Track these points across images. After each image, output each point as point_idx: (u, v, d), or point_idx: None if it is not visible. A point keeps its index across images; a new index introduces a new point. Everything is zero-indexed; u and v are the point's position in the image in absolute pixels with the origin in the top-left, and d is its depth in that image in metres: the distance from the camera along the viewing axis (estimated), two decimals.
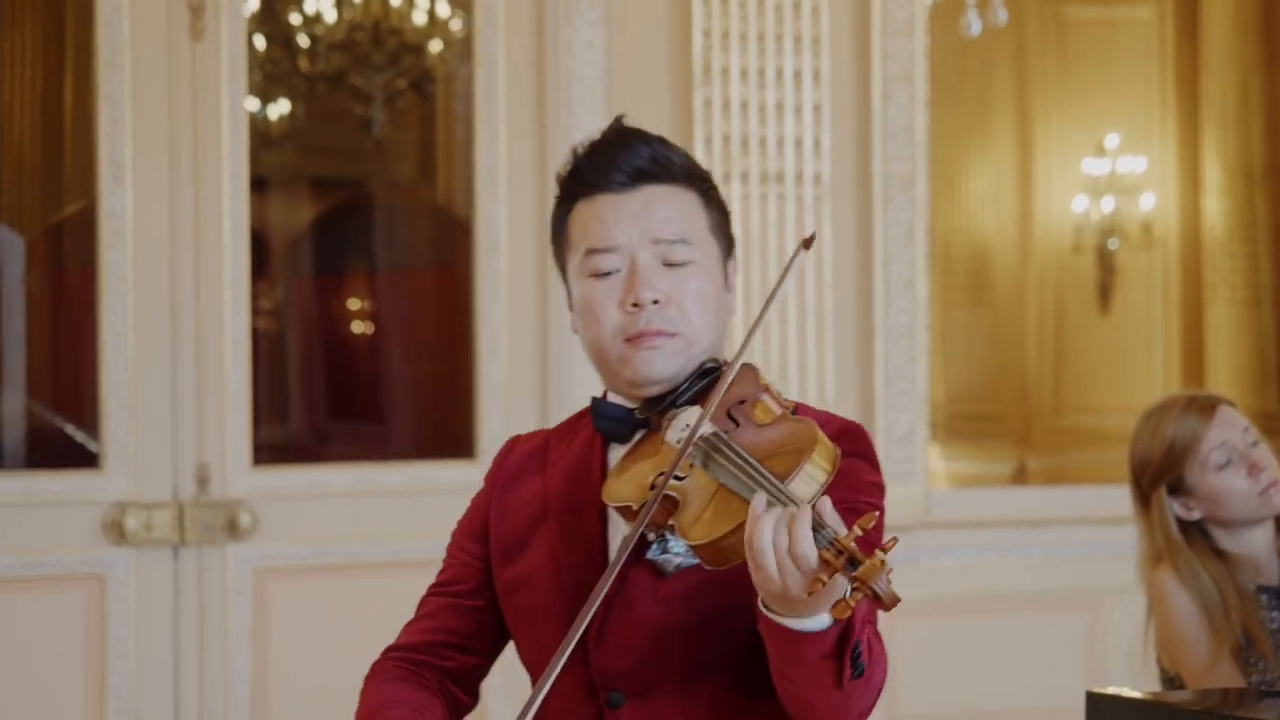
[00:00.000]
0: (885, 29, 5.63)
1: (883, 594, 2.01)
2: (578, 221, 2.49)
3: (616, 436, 2.47)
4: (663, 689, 2.38)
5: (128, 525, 5.10)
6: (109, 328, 5.12)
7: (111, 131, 5.12)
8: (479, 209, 5.47)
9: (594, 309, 2.46)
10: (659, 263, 2.44)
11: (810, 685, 2.19)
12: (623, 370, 2.45)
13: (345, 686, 5.29)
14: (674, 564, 2.37)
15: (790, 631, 2.14)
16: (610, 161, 2.46)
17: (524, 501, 2.55)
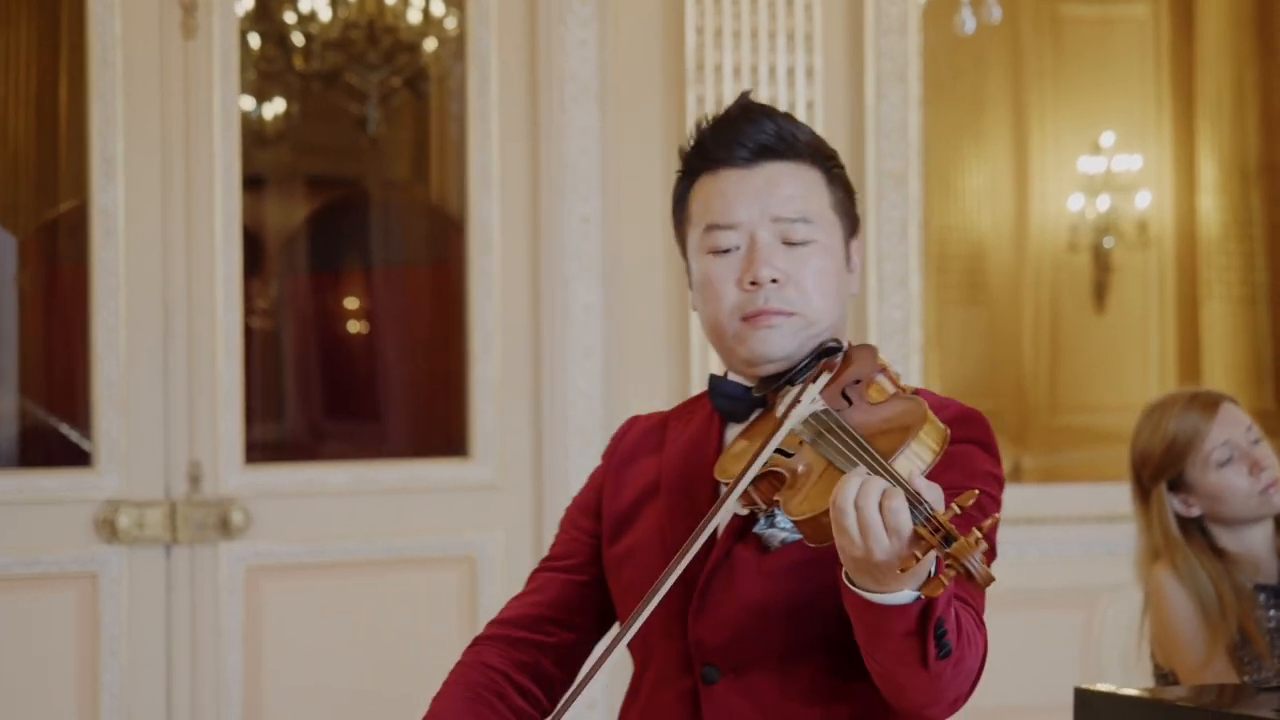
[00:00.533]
0: (878, 27, 5.62)
1: (975, 572, 1.99)
2: (698, 197, 2.49)
3: (733, 415, 2.46)
4: (759, 666, 2.36)
5: (120, 524, 5.10)
6: (101, 325, 5.12)
7: (103, 129, 5.12)
8: (471, 207, 5.47)
9: (712, 286, 2.45)
10: (779, 241, 2.43)
11: (896, 664, 2.17)
12: (738, 348, 2.44)
13: (338, 685, 5.34)
14: (779, 539, 2.36)
15: (872, 605, 2.12)
16: (734, 136, 2.45)
17: (637, 478, 2.55)
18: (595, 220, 5.46)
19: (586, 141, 5.45)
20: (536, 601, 2.60)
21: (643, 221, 5.52)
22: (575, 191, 5.43)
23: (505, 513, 5.48)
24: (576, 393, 5.45)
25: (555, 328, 5.45)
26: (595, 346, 5.46)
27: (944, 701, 2.23)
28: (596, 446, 5.40)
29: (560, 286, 5.44)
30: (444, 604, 5.42)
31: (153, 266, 5.17)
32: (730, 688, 2.37)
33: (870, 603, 2.12)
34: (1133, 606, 5.85)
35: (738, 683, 2.37)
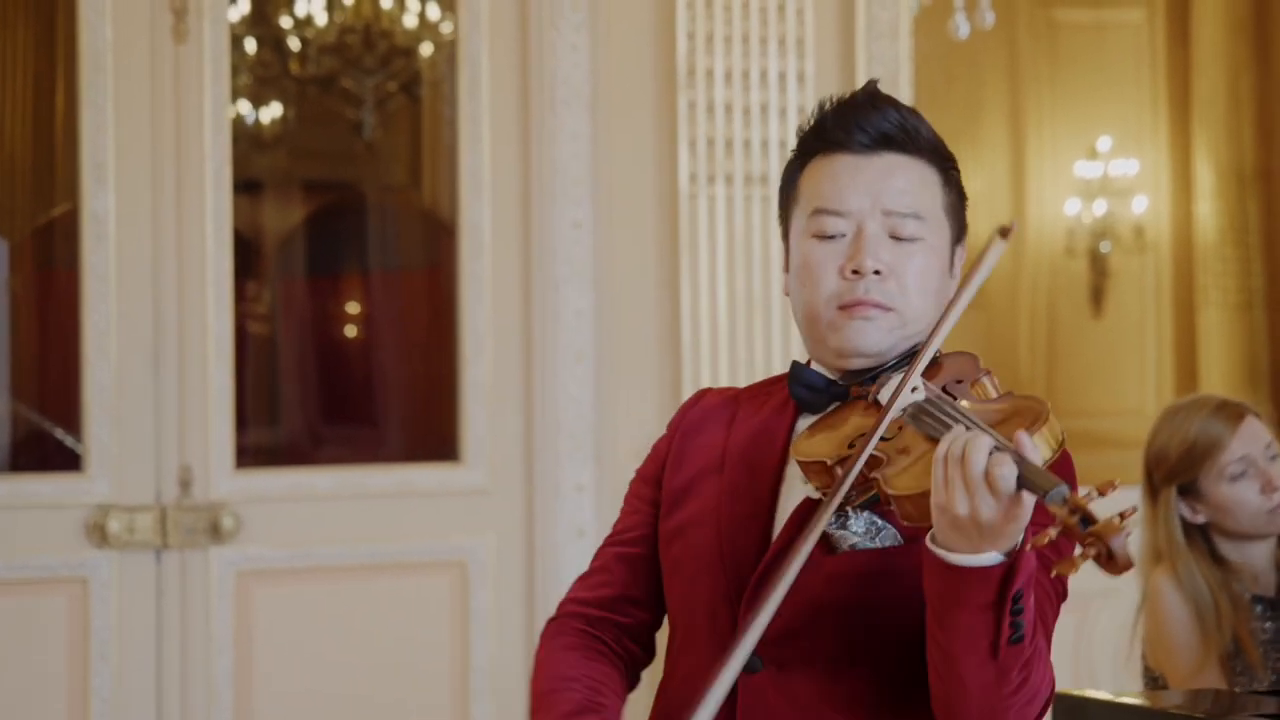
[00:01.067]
0: (870, 32, 5.62)
1: (1118, 553, 1.96)
2: (810, 178, 2.43)
3: (810, 405, 2.42)
4: (802, 666, 2.33)
5: (110, 528, 5.09)
6: (92, 330, 5.11)
7: (94, 134, 5.11)
8: (463, 212, 5.47)
9: (812, 270, 2.40)
10: (886, 234, 2.38)
11: (963, 648, 2.13)
12: (830, 337, 2.39)
13: (329, 690, 5.34)
14: (848, 542, 2.31)
15: (953, 569, 2.09)
16: (856, 120, 2.41)
17: (701, 451, 2.51)
18: (586, 225, 5.45)
19: (578, 146, 5.45)
20: (607, 581, 2.55)
21: (634, 226, 5.52)
22: (566, 196, 5.43)
23: (496, 517, 5.47)
24: (567, 397, 5.44)
25: (546, 332, 5.44)
26: (586, 351, 5.45)
27: None
28: (588, 451, 5.41)
29: (551, 291, 5.44)
30: (435, 609, 5.42)
31: (144, 271, 5.16)
32: (770, 681, 2.33)
33: (951, 566, 2.09)
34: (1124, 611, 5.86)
35: (779, 677, 2.33)
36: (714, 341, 5.46)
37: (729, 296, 5.46)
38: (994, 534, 2.06)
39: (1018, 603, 2.08)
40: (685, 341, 5.46)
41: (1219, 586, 3.79)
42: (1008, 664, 2.12)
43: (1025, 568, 2.08)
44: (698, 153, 5.47)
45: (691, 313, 5.46)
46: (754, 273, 5.49)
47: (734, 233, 5.49)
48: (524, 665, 5.46)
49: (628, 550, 2.55)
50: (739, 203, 5.49)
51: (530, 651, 5.41)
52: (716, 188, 5.47)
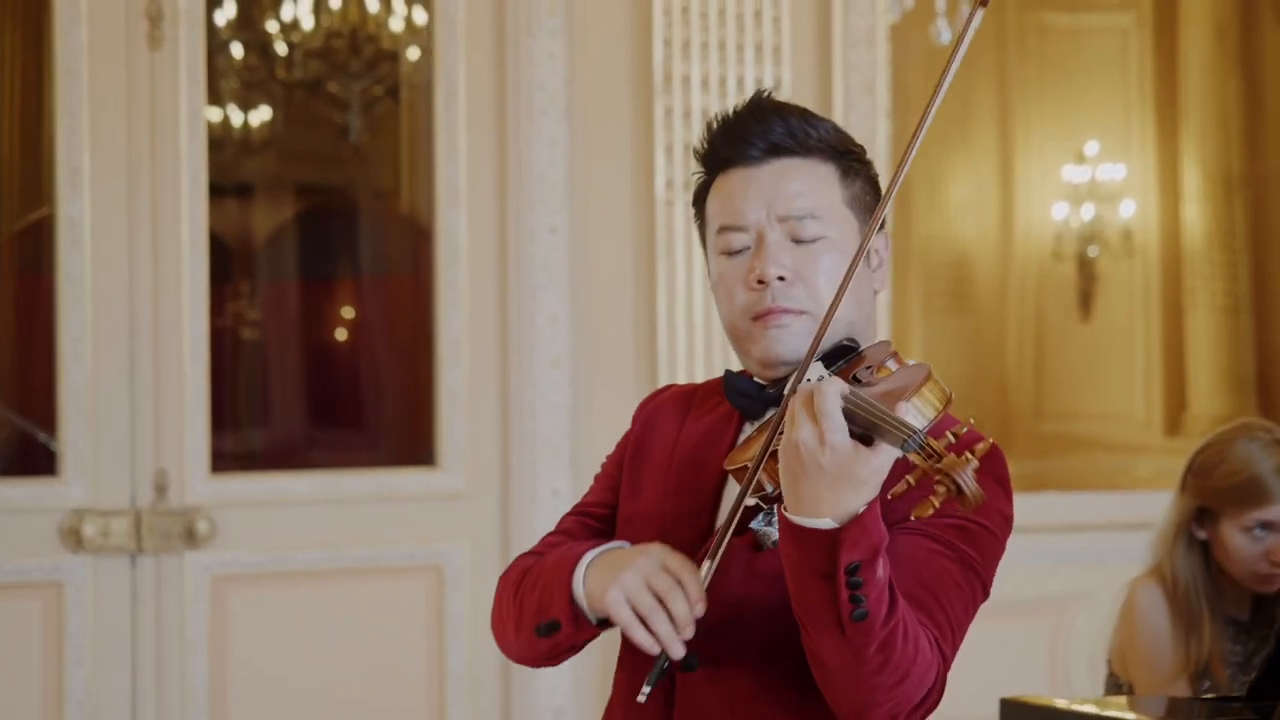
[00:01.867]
0: (846, 39, 5.62)
1: (966, 486, 1.99)
2: (714, 197, 2.48)
3: (748, 412, 2.46)
4: (735, 661, 2.35)
5: (85, 532, 5.10)
6: (67, 335, 5.12)
7: (69, 139, 5.12)
8: (439, 218, 5.48)
9: (725, 286, 2.44)
10: (788, 239, 2.40)
11: (811, 621, 2.15)
12: (752, 349, 2.43)
13: (304, 695, 5.35)
14: (773, 538, 2.32)
15: (794, 528, 2.11)
16: (742, 135, 2.44)
17: (654, 446, 2.55)
18: (563, 231, 5.46)
19: (555, 153, 5.45)
20: (561, 542, 2.56)
21: (610, 232, 5.53)
22: (543, 202, 5.44)
23: (473, 522, 5.48)
24: (544, 403, 5.45)
25: (523, 338, 5.45)
26: (563, 357, 5.46)
27: (878, 704, 2.18)
28: (564, 456, 5.42)
29: (528, 297, 5.44)
30: (411, 613, 5.43)
31: (119, 276, 5.17)
32: (706, 678, 2.36)
33: (792, 525, 2.11)
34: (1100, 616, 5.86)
35: (715, 674, 2.35)
36: (690, 347, 5.47)
37: (705, 303, 5.47)
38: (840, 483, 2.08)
39: (853, 574, 2.09)
40: (662, 347, 5.46)
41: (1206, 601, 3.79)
42: (859, 643, 2.12)
43: (861, 538, 2.09)
44: (674, 159, 5.48)
45: (668, 319, 5.47)
46: None
47: None
48: (500, 669, 5.47)
49: (592, 522, 2.59)
50: None
51: None
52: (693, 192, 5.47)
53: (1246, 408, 7.85)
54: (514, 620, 2.45)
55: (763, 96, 2.50)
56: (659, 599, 2.23)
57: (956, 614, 2.30)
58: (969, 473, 2.00)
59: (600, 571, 2.31)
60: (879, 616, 2.11)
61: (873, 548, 2.10)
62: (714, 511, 2.44)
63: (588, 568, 2.33)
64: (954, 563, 2.29)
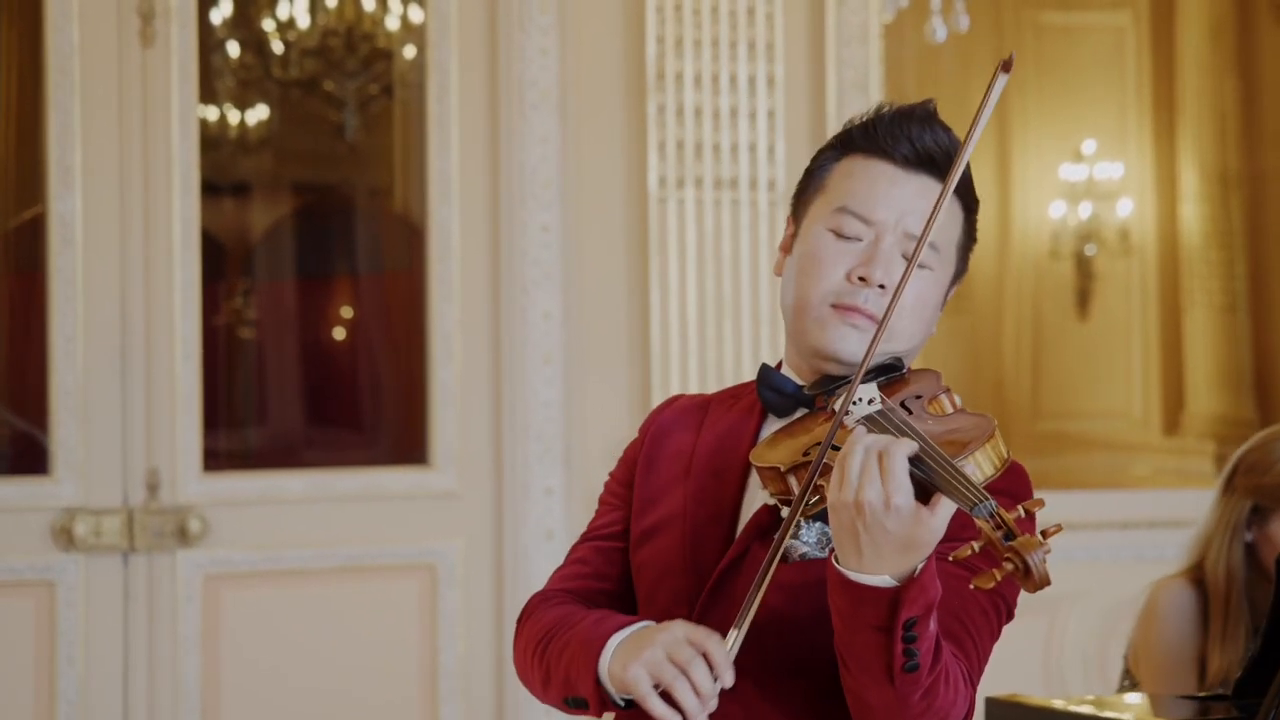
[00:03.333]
0: (840, 36, 5.61)
1: (1035, 569, 1.94)
2: (844, 173, 2.42)
3: (776, 408, 2.41)
4: (754, 675, 2.30)
5: (77, 531, 5.09)
6: (58, 333, 5.11)
7: (61, 137, 5.12)
8: (432, 214, 5.47)
9: (819, 264, 2.38)
10: (899, 252, 2.36)
11: (859, 667, 2.13)
12: (813, 333, 2.38)
13: (297, 694, 5.34)
14: (799, 552, 2.29)
15: (848, 583, 2.08)
16: (909, 132, 2.39)
17: (671, 457, 2.50)
18: (555, 228, 5.45)
19: (547, 149, 5.45)
20: (581, 573, 2.53)
21: (603, 229, 5.52)
22: (535, 199, 5.43)
23: (465, 520, 5.47)
24: (536, 400, 5.44)
25: (515, 335, 5.44)
26: (555, 353, 5.45)
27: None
28: (556, 454, 5.42)
29: (520, 294, 5.44)
30: (404, 612, 5.42)
31: (110, 275, 5.17)
32: (727, 693, 2.27)
33: (846, 580, 2.08)
34: (1094, 614, 5.87)
35: (734, 690, 2.28)
36: (683, 344, 5.46)
37: (698, 300, 5.46)
38: (900, 545, 2.05)
39: (909, 629, 2.08)
40: (654, 344, 5.46)
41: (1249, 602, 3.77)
42: (905, 690, 2.11)
43: (919, 596, 2.08)
44: (667, 156, 5.47)
45: (661, 316, 5.46)
46: (723, 276, 5.49)
47: (703, 236, 5.49)
48: (493, 667, 5.46)
49: (605, 544, 2.54)
50: (708, 206, 5.49)
51: (500, 654, 5.41)
52: (686, 191, 5.47)
53: (1244, 406, 7.85)
54: (540, 680, 2.41)
55: (934, 105, 2.44)
56: (682, 670, 2.19)
57: (984, 643, 2.30)
58: (1041, 555, 1.95)
59: (625, 651, 2.26)
60: (926, 666, 2.10)
61: (929, 604, 2.09)
62: (735, 518, 2.39)
63: (614, 650, 2.29)
64: (981, 591, 2.23)
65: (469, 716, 5.44)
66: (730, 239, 5.51)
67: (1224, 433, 7.67)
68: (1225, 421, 7.85)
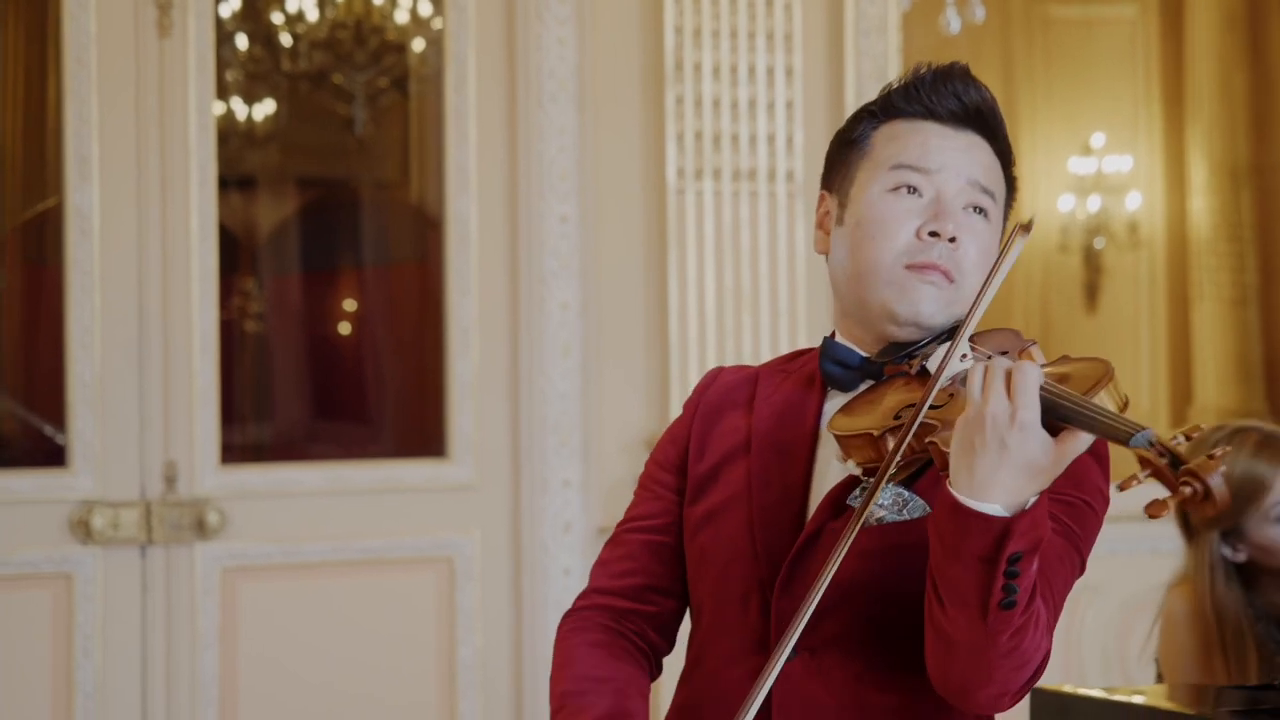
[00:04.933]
0: (858, 27, 5.60)
1: (1216, 491, 1.91)
2: (890, 138, 2.37)
3: (841, 383, 2.35)
4: (837, 647, 2.27)
5: (94, 524, 5.08)
6: (75, 325, 5.11)
7: (78, 129, 5.11)
8: (449, 205, 5.45)
9: (885, 225, 2.32)
10: (963, 205, 2.32)
11: (952, 599, 2.06)
12: (889, 296, 2.31)
13: (314, 686, 5.32)
14: (876, 516, 2.21)
15: (959, 507, 2.02)
16: (953, 89, 2.36)
17: (724, 434, 2.44)
18: (573, 219, 5.44)
19: (565, 141, 5.44)
20: (632, 569, 2.47)
21: (621, 221, 5.51)
22: (553, 190, 5.42)
23: (483, 513, 5.46)
24: (554, 392, 5.43)
25: (533, 326, 5.43)
26: (573, 345, 5.44)
27: (991, 684, 2.11)
28: (574, 446, 5.40)
29: (538, 285, 5.42)
30: (421, 605, 5.41)
31: (128, 266, 5.16)
32: (803, 667, 2.27)
33: (958, 505, 2.02)
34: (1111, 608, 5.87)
35: (812, 661, 2.27)
36: (701, 336, 5.44)
37: (717, 291, 5.45)
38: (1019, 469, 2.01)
39: (1013, 564, 2.02)
40: (673, 336, 5.44)
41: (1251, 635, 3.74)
42: (996, 628, 2.05)
43: (1030, 530, 2.02)
44: (685, 147, 5.46)
45: (679, 307, 5.45)
46: (742, 267, 5.48)
47: (722, 227, 5.48)
48: (511, 660, 5.44)
49: (653, 538, 2.47)
50: (727, 197, 5.48)
51: (518, 647, 5.40)
52: (704, 182, 5.46)
53: (1253, 399, 7.83)
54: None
55: (963, 64, 2.42)
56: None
57: (1061, 590, 2.23)
58: (1219, 476, 1.93)
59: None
60: (1022, 605, 2.05)
61: (1037, 540, 2.03)
62: (805, 496, 2.34)
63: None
64: (1061, 537, 2.22)
65: (487, 710, 5.43)
66: (749, 230, 5.49)
67: None
68: (1234, 415, 7.83)
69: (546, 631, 5.31)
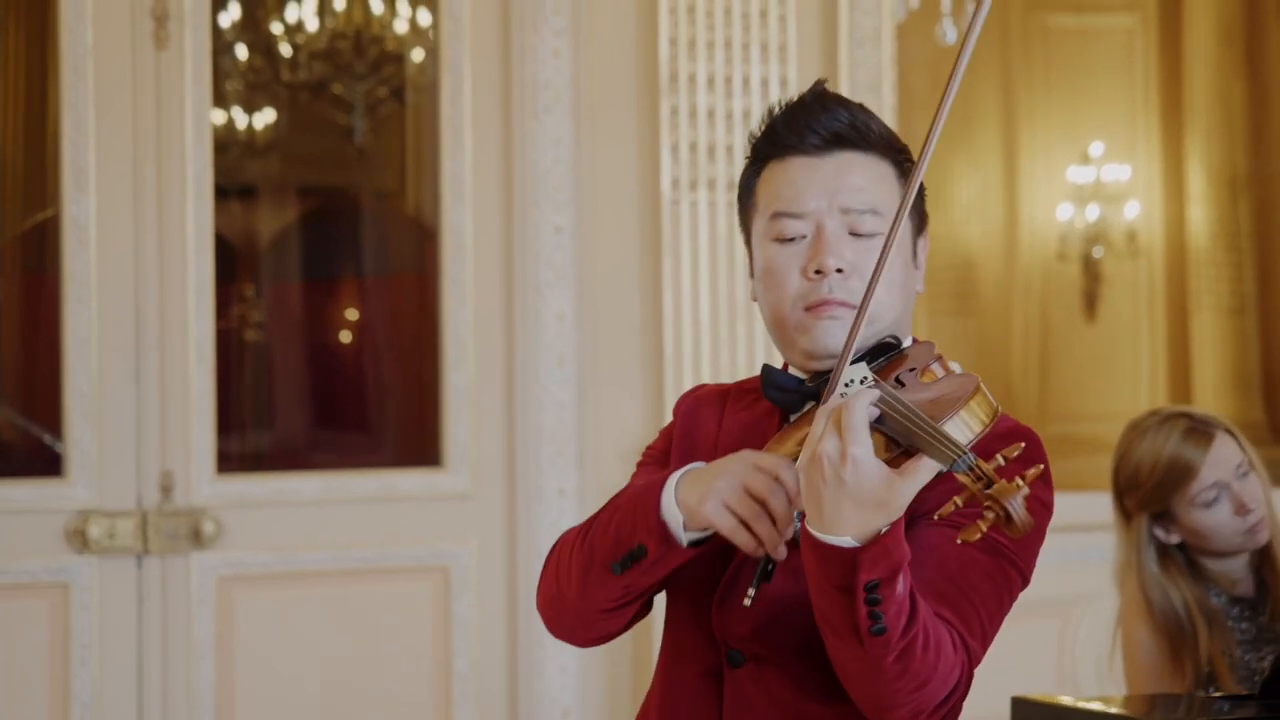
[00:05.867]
0: (852, 38, 5.62)
1: (1015, 514, 1.96)
2: (766, 183, 2.43)
3: (786, 406, 2.40)
4: (775, 659, 2.33)
5: (91, 534, 5.10)
6: (72, 336, 5.12)
7: (75, 139, 5.13)
8: (445, 216, 5.47)
9: (776, 274, 2.40)
10: (845, 231, 2.37)
11: (829, 629, 2.13)
12: (799, 339, 2.39)
13: (310, 696, 5.34)
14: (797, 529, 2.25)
15: (814, 542, 2.09)
16: (807, 123, 2.40)
17: (697, 440, 2.51)
18: (568, 229, 5.46)
19: (560, 151, 5.45)
20: None
21: (616, 231, 5.52)
22: (548, 200, 5.44)
23: (479, 523, 5.47)
24: (550, 401, 5.44)
25: (528, 336, 5.45)
26: (568, 355, 5.46)
27: (897, 706, 2.16)
28: (570, 456, 5.41)
29: (533, 295, 5.44)
30: (417, 614, 5.42)
31: (124, 277, 5.17)
32: (750, 674, 2.34)
33: (813, 540, 2.09)
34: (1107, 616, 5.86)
35: (756, 671, 2.34)
36: (696, 346, 5.46)
37: (711, 301, 5.47)
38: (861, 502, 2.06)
39: (872, 592, 2.07)
40: (668, 346, 5.46)
41: (1197, 611, 3.75)
42: (876, 653, 2.11)
43: (882, 559, 2.07)
44: (680, 158, 5.47)
45: (674, 317, 5.46)
46: (736, 277, 5.49)
47: (716, 238, 5.49)
48: (506, 670, 5.46)
49: None
50: (721, 208, 5.49)
51: (514, 657, 5.41)
52: (699, 193, 5.48)
53: (1252, 408, 7.84)
54: (580, 569, 2.37)
55: (823, 85, 2.47)
56: (759, 501, 2.21)
57: (988, 606, 2.28)
58: (1020, 500, 1.97)
59: (691, 485, 2.27)
60: (897, 629, 2.10)
61: (893, 567, 2.08)
62: None
63: (677, 486, 2.28)
64: (984, 553, 2.26)
65: (482, 718, 5.44)
66: (743, 241, 5.50)
67: None
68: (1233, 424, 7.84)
69: (542, 641, 5.33)
